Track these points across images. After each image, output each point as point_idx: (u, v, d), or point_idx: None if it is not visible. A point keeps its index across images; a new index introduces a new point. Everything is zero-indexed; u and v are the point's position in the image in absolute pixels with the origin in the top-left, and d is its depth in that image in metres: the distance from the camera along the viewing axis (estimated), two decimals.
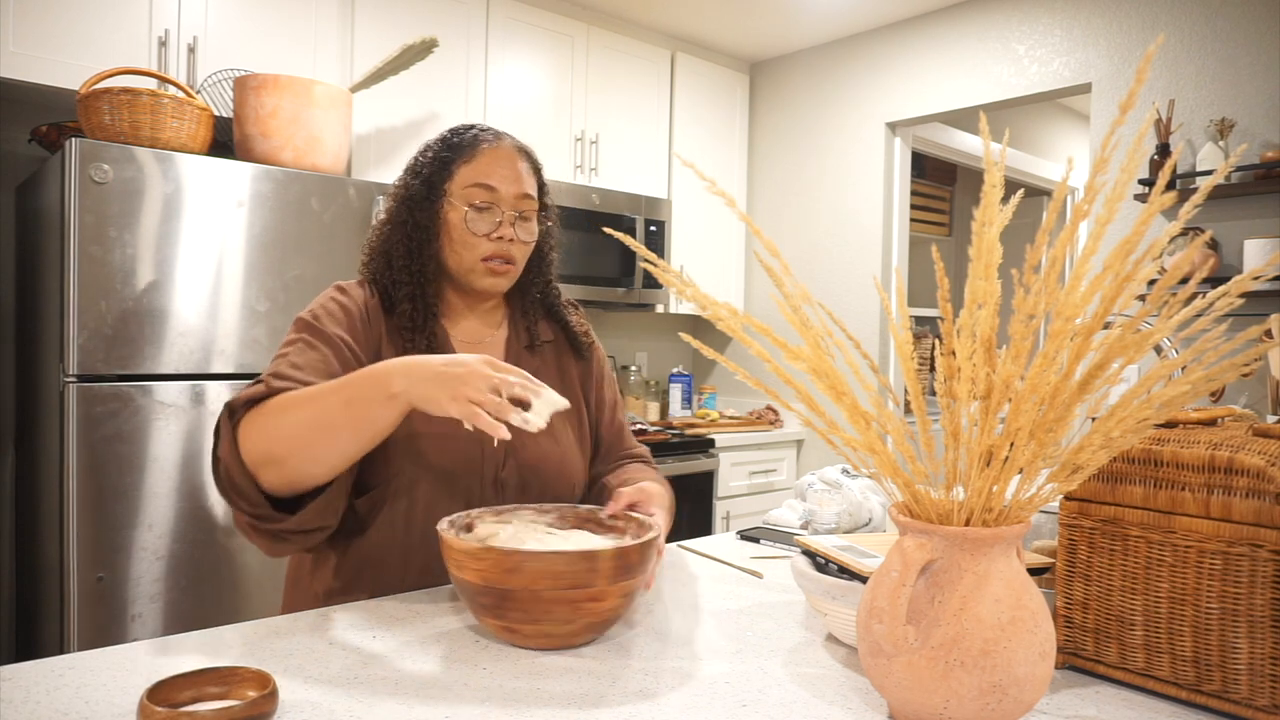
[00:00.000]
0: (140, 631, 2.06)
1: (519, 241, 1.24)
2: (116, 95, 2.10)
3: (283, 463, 1.00)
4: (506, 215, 1.22)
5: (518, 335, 1.32)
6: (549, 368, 1.32)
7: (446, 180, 1.23)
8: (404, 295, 1.21)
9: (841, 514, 1.44)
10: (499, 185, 1.22)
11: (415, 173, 1.25)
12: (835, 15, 3.55)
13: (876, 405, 0.77)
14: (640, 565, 0.94)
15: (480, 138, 1.25)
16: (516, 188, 1.23)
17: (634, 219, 3.47)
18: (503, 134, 1.28)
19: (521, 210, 1.24)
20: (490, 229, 1.21)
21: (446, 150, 1.24)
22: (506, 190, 1.22)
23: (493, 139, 1.25)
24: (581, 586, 0.89)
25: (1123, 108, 0.66)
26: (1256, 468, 0.75)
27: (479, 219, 1.21)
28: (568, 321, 1.36)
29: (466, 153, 1.23)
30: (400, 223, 1.24)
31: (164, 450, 2.11)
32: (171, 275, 2.12)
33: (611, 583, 0.91)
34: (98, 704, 0.76)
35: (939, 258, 0.81)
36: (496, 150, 1.24)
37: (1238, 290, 0.64)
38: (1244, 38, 2.69)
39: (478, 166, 1.22)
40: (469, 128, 1.27)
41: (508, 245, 1.23)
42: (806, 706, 0.80)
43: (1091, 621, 0.86)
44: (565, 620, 0.90)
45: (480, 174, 1.22)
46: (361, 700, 0.79)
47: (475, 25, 3.13)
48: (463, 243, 1.22)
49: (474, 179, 1.22)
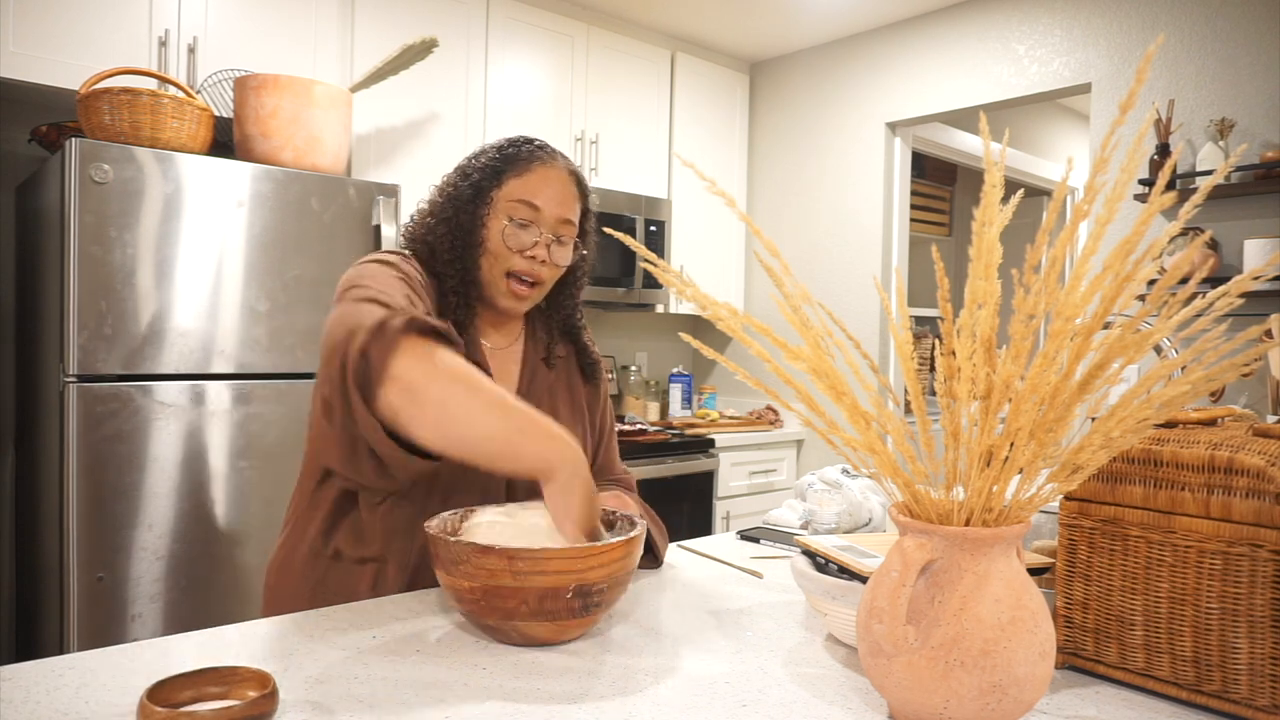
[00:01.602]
0: (140, 631, 2.06)
1: (550, 264, 1.24)
2: (116, 95, 2.10)
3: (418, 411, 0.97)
4: (544, 237, 1.22)
5: (535, 349, 1.33)
6: (560, 384, 1.34)
7: (495, 189, 1.23)
8: (450, 288, 1.22)
9: (841, 514, 1.44)
10: (543, 205, 1.22)
11: (465, 175, 1.26)
12: (835, 15, 3.55)
13: (876, 405, 0.77)
14: (628, 559, 0.95)
15: (536, 154, 1.25)
16: (560, 211, 1.23)
17: (634, 219, 3.47)
18: (558, 154, 1.28)
19: (560, 234, 1.24)
20: (525, 246, 1.22)
21: (500, 159, 1.25)
22: (550, 211, 1.23)
23: (547, 157, 1.26)
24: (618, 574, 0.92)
25: (1123, 108, 0.66)
26: (1256, 468, 0.75)
27: (516, 234, 1.21)
28: (584, 344, 1.38)
29: (519, 166, 1.24)
30: (445, 219, 1.24)
31: (164, 450, 2.11)
32: (171, 275, 2.12)
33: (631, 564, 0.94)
34: (98, 704, 0.76)
35: (939, 258, 0.81)
36: (548, 170, 1.24)
37: (1238, 290, 0.64)
38: (1244, 38, 2.69)
39: (527, 182, 1.23)
40: (528, 141, 1.27)
41: (539, 266, 1.23)
42: (806, 706, 0.80)
43: (1091, 621, 0.86)
44: (595, 609, 0.92)
45: (528, 190, 1.22)
46: (361, 700, 0.79)
47: (475, 25, 3.13)
48: (495, 253, 1.22)
49: (520, 194, 1.22)
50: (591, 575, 0.90)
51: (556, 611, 0.90)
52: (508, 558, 0.88)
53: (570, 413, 1.33)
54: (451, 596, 0.93)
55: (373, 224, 2.43)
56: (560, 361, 1.36)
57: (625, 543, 0.94)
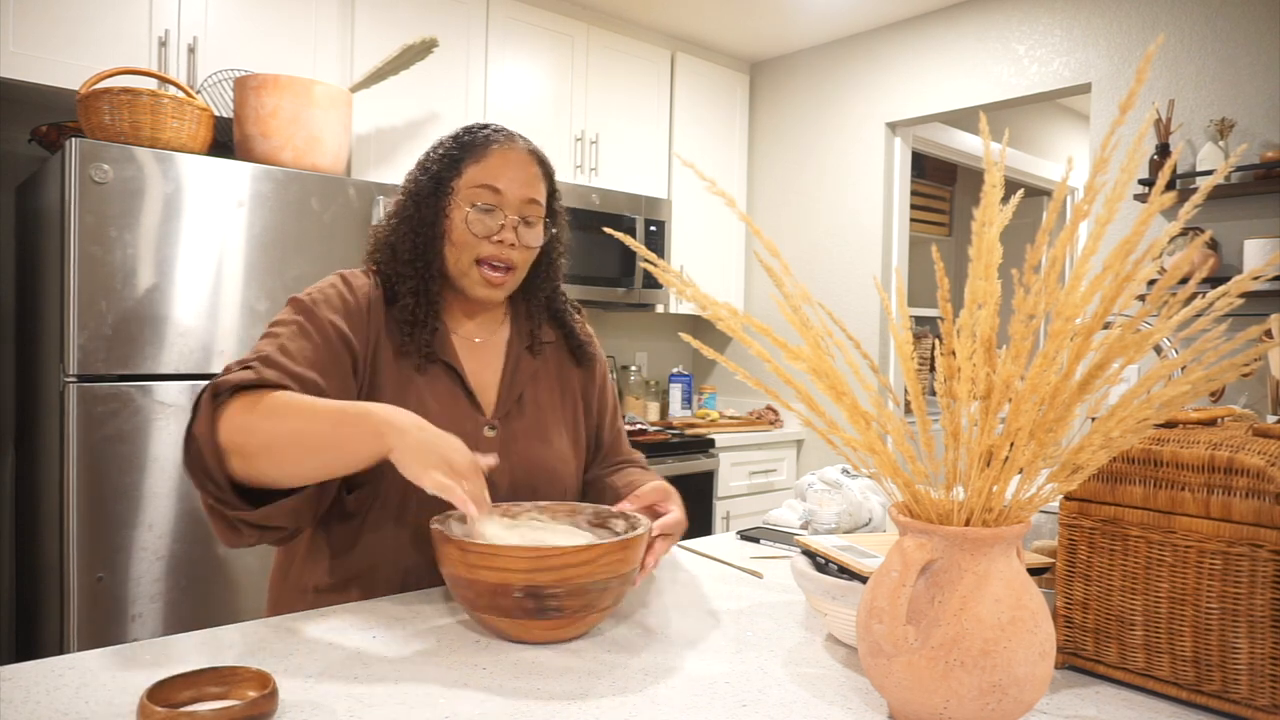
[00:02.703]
0: (140, 631, 2.06)
1: (520, 247, 1.22)
2: (116, 95, 2.10)
3: (251, 459, 1.00)
4: (510, 219, 1.20)
5: (520, 336, 1.31)
6: (549, 371, 1.32)
7: (454, 178, 1.21)
8: (407, 290, 1.20)
9: (841, 514, 1.44)
10: (505, 188, 1.20)
11: (425, 169, 1.24)
12: (835, 15, 3.55)
13: (876, 405, 0.77)
14: (630, 558, 0.95)
15: (492, 138, 1.23)
16: (523, 192, 1.21)
17: (634, 219, 3.47)
18: (516, 135, 1.26)
19: (526, 215, 1.22)
20: (491, 231, 1.19)
21: (457, 148, 1.23)
22: (512, 194, 1.20)
23: (505, 140, 1.23)
24: (576, 580, 0.90)
25: (1123, 108, 0.66)
26: (1256, 468, 0.75)
27: (480, 220, 1.19)
28: (571, 327, 1.35)
29: (477, 152, 1.21)
30: (407, 217, 1.22)
31: (164, 450, 2.11)
32: (171, 275, 2.12)
33: (621, 570, 0.93)
34: (98, 704, 0.76)
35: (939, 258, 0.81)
36: (507, 152, 1.22)
37: (1238, 290, 0.64)
38: (1244, 38, 2.69)
39: (486, 167, 1.20)
40: (483, 127, 1.25)
41: (508, 250, 1.21)
42: (806, 706, 0.80)
43: (1091, 621, 0.86)
44: (556, 614, 0.91)
45: (488, 175, 1.20)
46: (361, 700, 0.79)
47: (475, 25, 3.13)
48: (461, 243, 1.20)
49: (481, 179, 1.20)
50: (541, 578, 0.89)
51: (510, 609, 0.91)
52: (460, 549, 0.91)
53: (558, 399, 1.31)
54: (454, 591, 0.96)
55: (372, 224, 2.42)
56: (549, 348, 1.33)
57: (583, 549, 0.90)
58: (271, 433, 0.99)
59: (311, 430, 0.99)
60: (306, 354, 1.11)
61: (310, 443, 0.99)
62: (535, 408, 1.27)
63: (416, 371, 1.19)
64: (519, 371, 1.27)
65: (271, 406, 1.01)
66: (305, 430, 0.99)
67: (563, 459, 1.28)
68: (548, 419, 1.28)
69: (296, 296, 1.18)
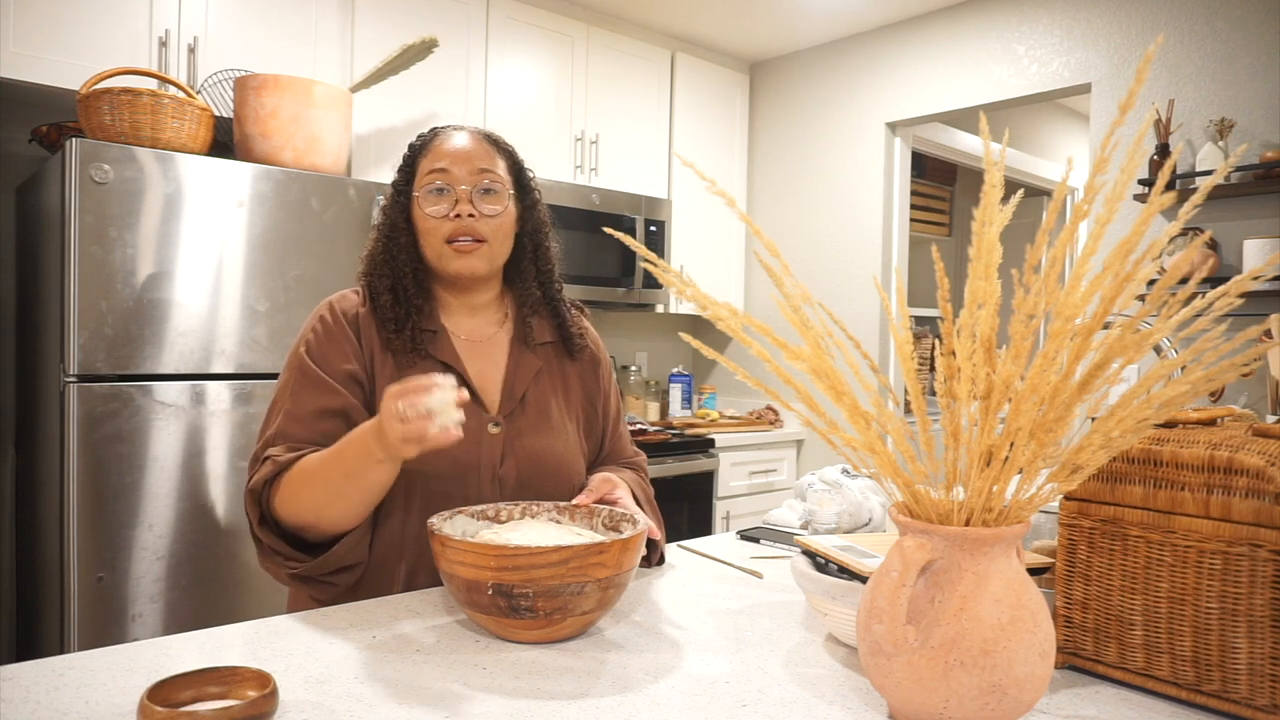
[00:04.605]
0: (140, 631, 2.07)
1: (483, 216, 1.23)
2: (117, 95, 2.10)
3: (316, 526, 1.11)
4: (461, 191, 1.22)
5: (521, 334, 1.31)
6: (551, 368, 1.32)
7: (411, 180, 1.26)
8: (384, 288, 1.24)
9: (841, 514, 1.44)
10: (450, 165, 1.23)
11: (393, 186, 1.30)
12: (835, 15, 3.55)
13: (876, 405, 0.77)
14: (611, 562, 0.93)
15: (437, 133, 1.28)
16: (470, 164, 1.23)
17: (634, 219, 3.47)
18: (465, 126, 1.30)
19: (479, 183, 1.23)
20: (447, 209, 1.22)
21: (410, 154, 1.29)
22: (459, 169, 1.23)
23: (450, 129, 1.29)
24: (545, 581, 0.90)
25: (1122, 108, 0.66)
26: (1256, 468, 0.75)
27: (432, 201, 1.23)
28: (565, 319, 1.35)
29: (425, 149, 1.27)
30: (378, 226, 1.29)
31: (164, 450, 2.11)
32: (172, 275, 2.12)
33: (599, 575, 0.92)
34: (98, 704, 0.76)
35: (939, 258, 0.81)
36: (450, 135, 1.27)
37: (1237, 290, 0.64)
38: (1244, 38, 2.69)
39: (433, 155, 1.25)
40: (435, 129, 1.30)
41: (470, 222, 1.22)
42: (806, 706, 0.80)
43: (1091, 621, 0.86)
44: (529, 614, 0.91)
45: (435, 160, 1.24)
46: (361, 700, 0.79)
47: (475, 25, 3.13)
48: (427, 231, 1.24)
49: (429, 167, 1.24)
50: (508, 577, 0.89)
51: (486, 606, 0.91)
52: (441, 544, 0.93)
53: (562, 396, 1.32)
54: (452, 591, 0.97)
55: (372, 224, 2.42)
56: (549, 345, 1.33)
57: (550, 550, 0.89)
58: (310, 502, 1.09)
59: (331, 484, 1.08)
60: (311, 411, 1.17)
61: (338, 492, 1.08)
62: (539, 404, 1.28)
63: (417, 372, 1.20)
64: (521, 367, 1.28)
65: (293, 481, 1.10)
66: (328, 487, 1.08)
67: (571, 452, 1.29)
68: (552, 415, 1.29)
69: (291, 352, 1.25)
